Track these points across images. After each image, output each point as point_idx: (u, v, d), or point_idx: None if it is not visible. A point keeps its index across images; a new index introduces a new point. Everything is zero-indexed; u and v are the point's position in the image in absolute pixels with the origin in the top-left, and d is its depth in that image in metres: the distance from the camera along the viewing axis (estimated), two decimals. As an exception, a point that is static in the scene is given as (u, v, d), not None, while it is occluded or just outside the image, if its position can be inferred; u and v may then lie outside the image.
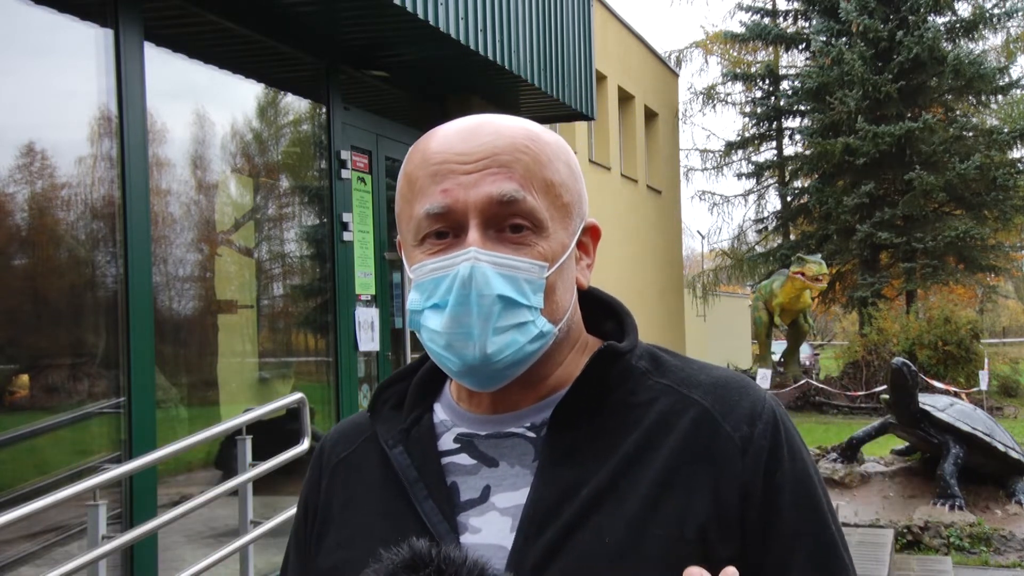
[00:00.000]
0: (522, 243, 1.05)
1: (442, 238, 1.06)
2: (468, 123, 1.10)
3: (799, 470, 1.07)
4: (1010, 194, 21.10)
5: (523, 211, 1.04)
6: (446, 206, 1.04)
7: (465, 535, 1.05)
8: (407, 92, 7.83)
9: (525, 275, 1.03)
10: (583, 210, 1.13)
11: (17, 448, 4.84)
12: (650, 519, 1.00)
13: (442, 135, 1.09)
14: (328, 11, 5.94)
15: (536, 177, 1.06)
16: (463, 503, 1.08)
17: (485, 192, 1.03)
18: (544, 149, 1.08)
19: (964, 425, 8.58)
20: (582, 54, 8.85)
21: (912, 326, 17.22)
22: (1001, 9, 22.65)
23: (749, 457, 1.04)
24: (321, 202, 6.76)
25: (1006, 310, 42.82)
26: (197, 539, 5.57)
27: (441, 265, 1.04)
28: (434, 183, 1.05)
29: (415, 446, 1.12)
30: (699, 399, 1.08)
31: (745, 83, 26.21)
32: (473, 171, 1.04)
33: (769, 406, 1.09)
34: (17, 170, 4.85)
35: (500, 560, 1.02)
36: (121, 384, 4.72)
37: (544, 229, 1.06)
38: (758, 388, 1.11)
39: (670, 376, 1.11)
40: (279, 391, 6.33)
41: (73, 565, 3.52)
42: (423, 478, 1.09)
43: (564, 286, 1.08)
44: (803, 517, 1.06)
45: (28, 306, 5.00)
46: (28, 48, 4.76)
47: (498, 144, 1.06)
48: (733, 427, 1.06)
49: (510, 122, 1.10)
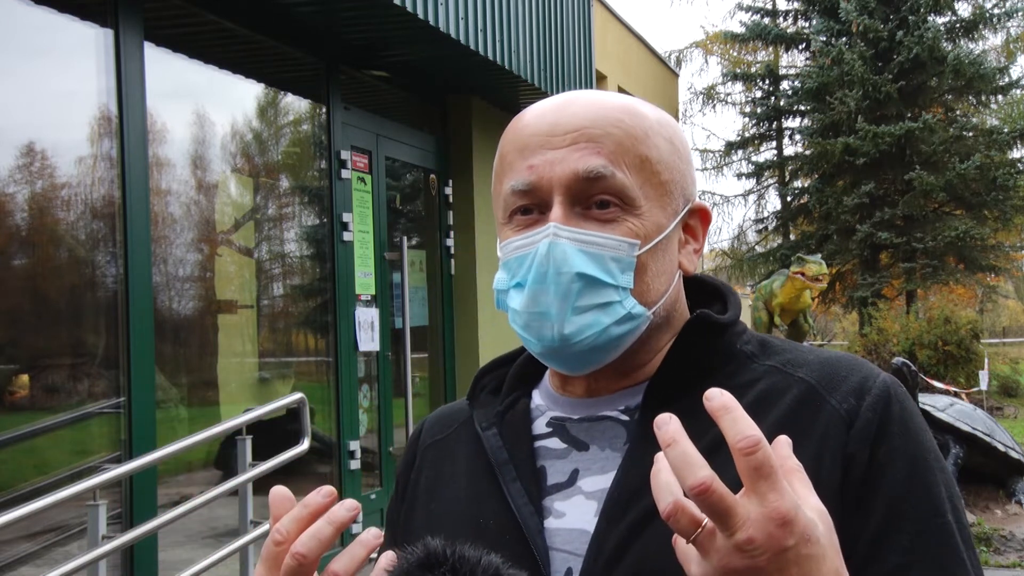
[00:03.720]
0: (610, 220, 1.00)
1: (528, 214, 1.02)
2: (562, 98, 1.06)
3: (911, 448, 0.98)
4: (1010, 194, 21.07)
5: (611, 187, 1.00)
6: (531, 183, 1.01)
7: (549, 519, 1.03)
8: (407, 92, 7.83)
9: (612, 253, 0.99)
10: (689, 191, 1.07)
11: (17, 448, 4.84)
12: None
13: (535, 110, 1.06)
14: (328, 11, 5.94)
15: (629, 152, 1.01)
16: (550, 487, 1.05)
17: (571, 168, 0.99)
18: (640, 123, 1.03)
19: (964, 425, 8.58)
20: (582, 54, 8.85)
21: (912, 326, 17.21)
22: (1001, 9, 22.62)
23: (855, 430, 0.97)
24: (321, 202, 6.75)
25: (1006, 310, 42.81)
26: (197, 539, 5.56)
27: (523, 243, 1.01)
28: (522, 158, 1.02)
29: (508, 429, 1.10)
30: (805, 377, 1.02)
31: (745, 83, 26.20)
32: (561, 146, 1.01)
33: (882, 380, 1.01)
34: (17, 170, 4.85)
35: (583, 545, 0.99)
36: (121, 384, 4.72)
37: (636, 207, 1.01)
38: (872, 366, 1.04)
39: (776, 358, 1.05)
40: (279, 391, 6.33)
41: (73, 565, 3.52)
42: (513, 460, 1.06)
43: (660, 267, 1.03)
44: (911, 497, 0.96)
45: (28, 306, 4.99)
46: (28, 48, 4.76)
47: (589, 117, 1.02)
48: (839, 400, 0.99)
49: (606, 96, 1.05)
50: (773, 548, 0.76)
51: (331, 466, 6.51)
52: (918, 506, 0.96)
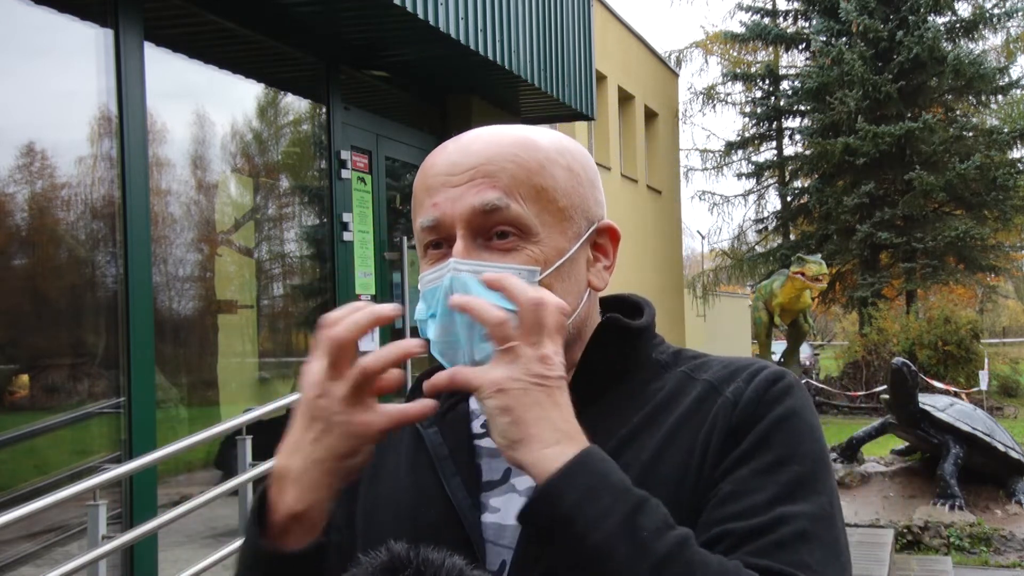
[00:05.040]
0: (510, 249, 1.07)
1: (438, 248, 1.10)
2: (465, 137, 1.12)
3: (787, 413, 1.04)
4: (1010, 194, 21.09)
5: (507, 218, 1.06)
6: (435, 219, 1.08)
7: (485, 514, 1.10)
8: (407, 92, 7.83)
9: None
10: (592, 213, 1.14)
11: (17, 448, 4.84)
12: (650, 483, 0.99)
13: (440, 151, 1.13)
14: (328, 11, 5.94)
15: (523, 184, 1.07)
16: (485, 483, 1.12)
17: (468, 203, 1.06)
18: (534, 155, 1.09)
19: (964, 425, 8.58)
20: (582, 54, 8.85)
21: (912, 326, 17.22)
22: (1001, 9, 22.64)
23: (739, 408, 1.04)
24: (321, 202, 6.76)
25: (1006, 310, 42.82)
26: (197, 539, 5.57)
27: (432, 276, 1.08)
28: (428, 197, 1.10)
29: (448, 428, 1.17)
30: (707, 378, 1.10)
31: (745, 83, 26.21)
32: (460, 183, 1.07)
33: (775, 369, 1.08)
34: (17, 170, 4.86)
35: (515, 539, 1.06)
36: (121, 384, 4.72)
37: (534, 235, 1.07)
38: (769, 363, 1.10)
39: (686, 365, 1.14)
40: (279, 391, 6.34)
41: (73, 565, 3.52)
42: (452, 456, 1.14)
43: (566, 288, 1.09)
44: (778, 447, 1.02)
45: (28, 306, 5.00)
46: (28, 48, 4.77)
47: (486, 154, 1.08)
48: (731, 390, 1.07)
49: (503, 132, 1.12)
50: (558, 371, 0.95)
51: (331, 466, 6.50)
52: (770, 451, 1.01)
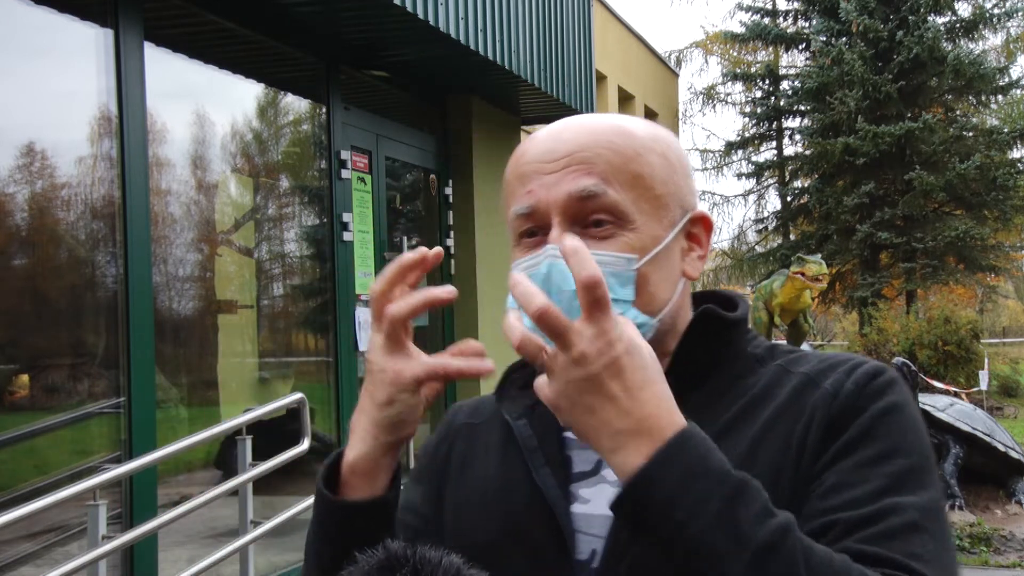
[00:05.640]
0: (607, 237, 1.06)
1: (532, 236, 1.09)
2: (558, 124, 1.13)
3: (890, 407, 1.03)
4: (1010, 194, 21.07)
5: (605, 205, 1.06)
6: (530, 206, 1.08)
7: (575, 504, 1.10)
8: (407, 92, 7.83)
9: (610, 268, 1.04)
10: (687, 201, 1.13)
11: (17, 448, 4.84)
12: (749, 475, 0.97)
13: (532, 140, 1.13)
14: (328, 11, 5.94)
15: (621, 171, 1.07)
16: (576, 475, 1.12)
17: (565, 190, 1.06)
18: (631, 142, 1.09)
19: (964, 425, 8.58)
20: (582, 54, 8.85)
21: (912, 326, 17.21)
22: (1001, 9, 22.62)
23: (839, 400, 1.03)
24: (321, 202, 6.75)
25: (1006, 310, 42.79)
26: (197, 539, 5.56)
27: (528, 264, 1.07)
28: (521, 185, 1.10)
29: (538, 421, 1.16)
30: (804, 371, 1.09)
31: (745, 83, 26.19)
32: (555, 170, 1.07)
33: (874, 363, 1.07)
34: (17, 170, 4.85)
35: (606, 528, 1.06)
36: (121, 384, 4.72)
37: (631, 222, 1.07)
38: (869, 359, 1.10)
39: (782, 359, 1.13)
40: (279, 391, 6.33)
41: (73, 565, 3.52)
42: (542, 448, 1.14)
43: (662, 277, 1.09)
44: (883, 439, 1.00)
45: (28, 306, 5.00)
46: (28, 48, 4.77)
47: (581, 141, 1.08)
48: (830, 382, 1.05)
49: (601, 118, 1.12)
50: (603, 357, 0.91)
51: (331, 466, 6.50)
52: (875, 443, 1.00)
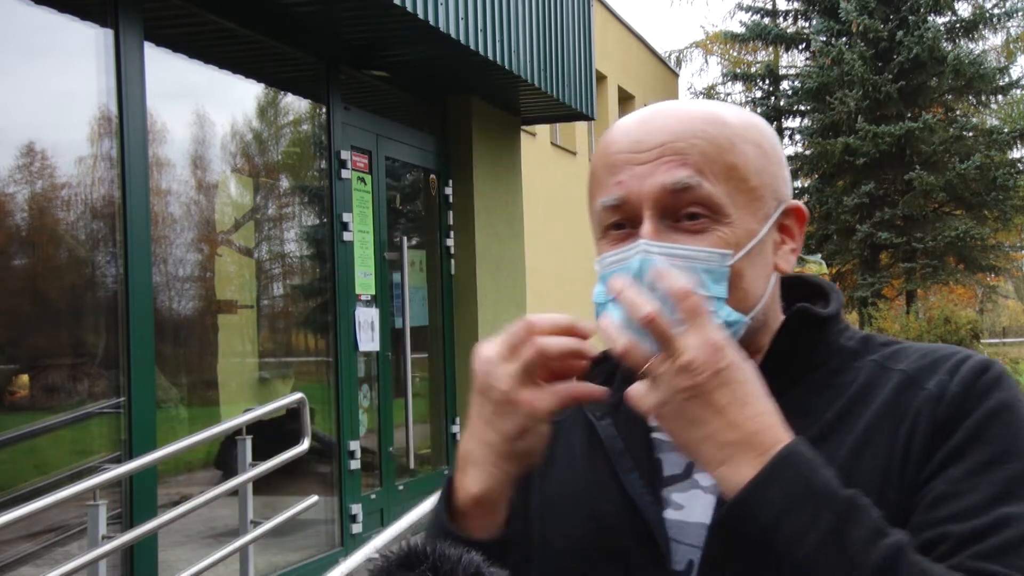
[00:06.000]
0: (701, 231, 1.01)
1: (620, 229, 1.04)
2: (648, 111, 1.07)
3: (999, 406, 0.98)
4: (1010, 194, 21.07)
5: (699, 198, 1.01)
6: (620, 198, 1.03)
7: (668, 511, 1.05)
8: (407, 92, 7.83)
9: (704, 264, 1.00)
10: (781, 192, 1.08)
11: (17, 448, 4.84)
12: (849, 485, 0.93)
13: (621, 126, 1.07)
14: (328, 11, 5.94)
15: (715, 162, 1.01)
16: (666, 478, 1.07)
17: (658, 182, 1.01)
18: (724, 131, 1.03)
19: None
20: (582, 54, 8.85)
21: (912, 326, 17.22)
22: (1001, 9, 22.62)
23: (944, 402, 0.98)
24: (321, 202, 6.75)
25: (1006, 310, 42.79)
26: (197, 539, 5.57)
27: (617, 258, 1.02)
28: (610, 175, 1.04)
29: (623, 420, 1.11)
30: (903, 369, 1.03)
31: (745, 83, 26.20)
32: (647, 161, 1.02)
33: (979, 358, 1.02)
34: (17, 170, 4.86)
35: (702, 537, 1.01)
36: (121, 384, 4.72)
37: (726, 216, 1.01)
38: (969, 351, 1.05)
39: (878, 354, 1.07)
40: (279, 391, 6.33)
41: (73, 565, 3.52)
42: (629, 450, 1.09)
43: (755, 273, 1.04)
44: (994, 442, 0.95)
45: (28, 306, 5.00)
46: (28, 48, 4.76)
47: (673, 130, 1.03)
48: (934, 383, 1.00)
49: (691, 106, 1.06)
50: (711, 367, 0.90)
51: (331, 466, 6.50)
52: (985, 447, 0.96)
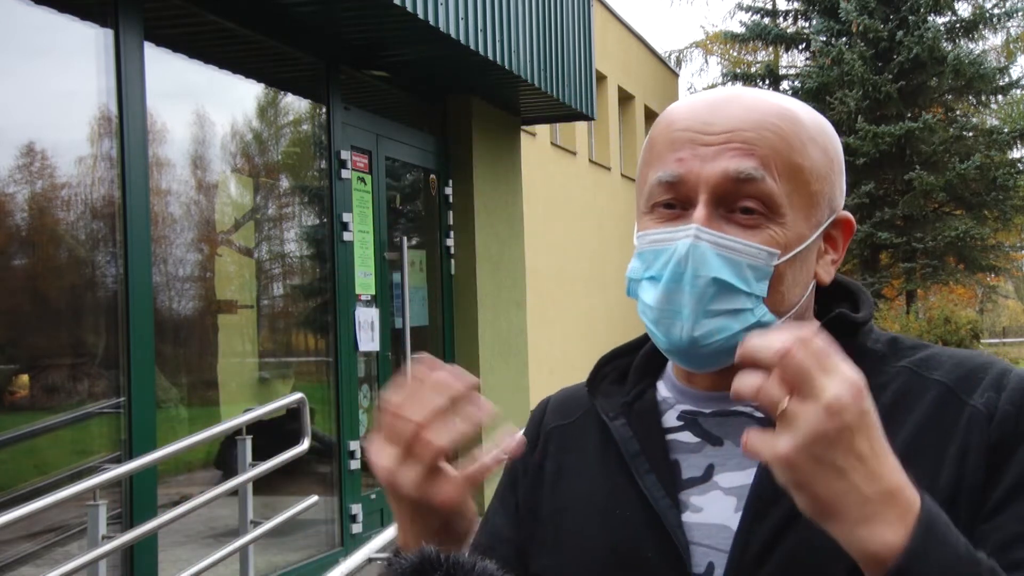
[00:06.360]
0: (753, 226, 0.98)
1: (670, 209, 1.01)
2: (720, 94, 1.04)
3: None
4: (1010, 194, 21.09)
5: (759, 192, 0.98)
6: (678, 175, 0.99)
7: (687, 513, 1.02)
8: (407, 92, 7.83)
9: (750, 260, 0.98)
10: (836, 201, 1.06)
11: (17, 448, 4.84)
12: None
13: (691, 103, 1.04)
14: (328, 11, 5.94)
15: (782, 159, 0.99)
16: (685, 481, 1.04)
17: (722, 167, 0.98)
18: (797, 130, 1.01)
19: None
20: (582, 54, 8.85)
21: (912, 326, 17.24)
22: (1001, 9, 22.63)
23: (995, 422, 0.95)
24: (321, 202, 6.75)
25: (1006, 310, 42.82)
26: (197, 539, 5.57)
27: (662, 237, 0.99)
28: (671, 150, 1.01)
29: (637, 420, 1.09)
30: (941, 379, 1.00)
31: (745, 83, 26.19)
32: (713, 143, 0.99)
33: (1017, 373, 1.00)
34: (17, 170, 4.85)
35: (725, 540, 0.99)
36: (121, 384, 4.72)
37: (780, 215, 0.99)
38: (1003, 361, 1.03)
39: (908, 359, 1.04)
40: (279, 391, 6.33)
41: (73, 565, 3.53)
42: (645, 452, 1.06)
43: (796, 278, 1.02)
44: None
45: (28, 306, 5.00)
46: (28, 48, 4.76)
47: (745, 119, 1.00)
48: (979, 399, 0.97)
49: (766, 97, 1.03)
50: (857, 407, 0.80)
51: (331, 466, 6.50)
52: None
